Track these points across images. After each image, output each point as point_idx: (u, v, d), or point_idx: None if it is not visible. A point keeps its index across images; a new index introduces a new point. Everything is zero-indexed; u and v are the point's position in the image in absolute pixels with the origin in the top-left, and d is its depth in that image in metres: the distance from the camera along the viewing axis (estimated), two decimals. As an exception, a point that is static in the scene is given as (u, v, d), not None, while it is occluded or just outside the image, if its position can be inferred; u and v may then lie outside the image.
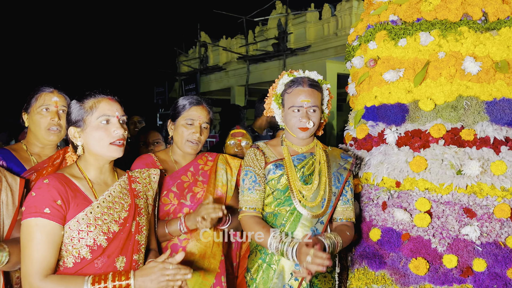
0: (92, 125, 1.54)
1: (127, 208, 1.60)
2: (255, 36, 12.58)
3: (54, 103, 1.98)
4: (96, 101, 1.56)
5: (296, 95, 1.88)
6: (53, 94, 2.00)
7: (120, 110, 1.59)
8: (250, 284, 1.89)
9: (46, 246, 1.41)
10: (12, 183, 1.68)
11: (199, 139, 2.00)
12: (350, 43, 2.50)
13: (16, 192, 1.68)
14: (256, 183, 1.90)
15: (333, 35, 9.99)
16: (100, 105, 1.56)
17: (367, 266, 2.01)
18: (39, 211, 1.42)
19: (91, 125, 1.54)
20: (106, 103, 1.57)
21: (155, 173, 1.79)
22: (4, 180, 1.65)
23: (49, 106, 1.98)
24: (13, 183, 1.68)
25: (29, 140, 2.05)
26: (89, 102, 1.56)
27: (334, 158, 1.99)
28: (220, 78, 14.12)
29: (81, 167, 1.59)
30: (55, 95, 2.00)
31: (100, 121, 1.54)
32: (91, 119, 1.54)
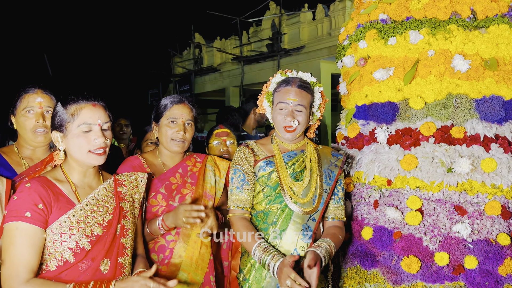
0: (73, 132, 1.52)
1: (111, 211, 1.59)
2: (249, 37, 12.58)
3: (38, 104, 1.93)
4: (78, 108, 1.53)
5: (283, 93, 1.90)
6: (37, 95, 1.94)
7: (103, 117, 1.56)
8: (243, 284, 1.89)
9: (27, 250, 1.40)
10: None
11: (183, 137, 1.99)
12: (341, 42, 2.50)
13: (2, 194, 1.65)
14: (244, 182, 1.90)
15: (327, 35, 10.01)
16: (82, 111, 1.53)
17: (360, 265, 2.01)
18: (19, 214, 1.41)
19: (72, 132, 1.53)
20: (88, 110, 1.54)
21: (143, 177, 1.78)
22: None
23: (33, 107, 1.92)
24: (0, 185, 1.66)
25: (20, 142, 2.01)
26: (71, 107, 1.54)
27: (325, 156, 2.00)
28: (214, 79, 14.09)
29: (65, 170, 1.58)
30: (39, 95, 1.94)
31: (81, 129, 1.52)
32: (72, 126, 1.52)
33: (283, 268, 1.61)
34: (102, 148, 1.54)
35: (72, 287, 1.40)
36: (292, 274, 1.57)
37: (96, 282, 1.42)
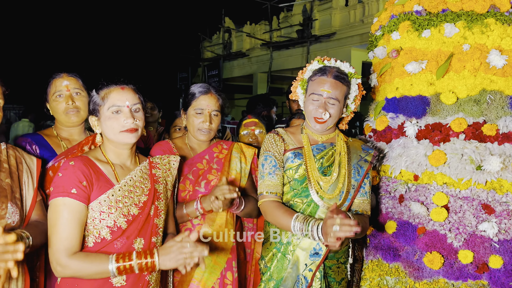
0: (105, 115, 1.60)
1: (146, 192, 1.66)
2: (280, 22, 12.46)
3: (65, 87, 2.04)
4: (108, 91, 1.61)
5: (318, 83, 1.85)
6: (63, 79, 2.05)
7: (131, 99, 1.62)
8: (264, 271, 1.92)
9: (72, 225, 1.48)
10: (30, 164, 1.75)
11: (209, 127, 2.02)
12: (373, 32, 2.47)
13: (34, 172, 1.74)
14: (276, 168, 1.88)
15: (359, 22, 9.80)
16: (111, 95, 1.61)
17: (381, 258, 2.02)
18: (66, 191, 1.49)
19: (104, 115, 1.61)
20: (117, 93, 1.61)
21: (175, 160, 1.84)
22: (23, 162, 1.73)
23: (61, 91, 2.04)
24: (31, 164, 1.76)
25: (57, 125, 2.13)
26: (102, 92, 1.62)
27: (354, 150, 1.96)
28: (242, 65, 14.09)
29: (104, 151, 1.66)
30: (65, 79, 2.05)
31: (111, 111, 1.60)
32: (104, 109, 1.61)
33: (327, 220, 1.56)
34: (132, 129, 1.61)
35: (115, 257, 1.47)
36: (337, 220, 1.52)
37: (139, 252, 1.50)
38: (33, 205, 1.69)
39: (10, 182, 1.62)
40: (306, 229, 1.68)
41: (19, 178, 1.68)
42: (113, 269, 1.46)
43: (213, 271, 1.93)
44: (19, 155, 1.73)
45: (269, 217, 1.85)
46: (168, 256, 1.48)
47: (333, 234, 1.52)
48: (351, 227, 1.49)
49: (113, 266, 1.46)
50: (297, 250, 1.83)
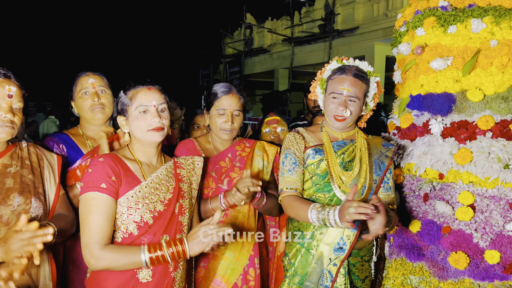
0: (133, 115, 1.65)
1: (171, 190, 1.71)
2: (301, 18, 12.36)
3: (91, 85, 2.09)
4: (135, 92, 1.66)
5: (338, 82, 1.87)
6: (89, 77, 2.11)
7: (158, 99, 1.67)
8: (288, 268, 1.94)
9: (103, 218, 1.54)
10: (51, 160, 1.82)
11: (232, 127, 2.05)
12: (397, 28, 2.43)
13: (55, 169, 1.81)
14: (296, 165, 1.91)
15: (383, 16, 9.62)
16: (139, 95, 1.65)
17: (405, 257, 2.01)
18: (96, 185, 1.54)
19: (132, 114, 1.65)
20: (144, 93, 1.66)
21: (199, 160, 1.88)
22: (44, 158, 1.80)
23: (87, 88, 2.09)
24: (52, 160, 1.82)
25: (82, 124, 2.18)
26: (130, 92, 1.67)
27: (375, 146, 1.97)
28: (264, 61, 14.07)
29: (131, 150, 1.71)
30: (90, 77, 2.11)
31: (139, 111, 1.64)
32: (131, 109, 1.65)
33: (344, 204, 1.59)
34: (159, 127, 1.65)
35: (147, 248, 1.52)
36: (353, 203, 1.55)
37: (169, 242, 1.55)
38: (56, 199, 1.76)
39: (33, 178, 1.70)
40: (322, 216, 1.70)
41: (41, 174, 1.75)
42: (146, 259, 1.51)
43: (235, 268, 1.96)
44: (40, 152, 1.80)
45: (288, 210, 1.89)
46: (195, 241, 1.53)
47: (349, 216, 1.56)
48: (366, 209, 1.52)
49: (146, 256, 1.51)
50: (321, 245, 1.86)
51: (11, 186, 1.61)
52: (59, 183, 1.80)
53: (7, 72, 1.65)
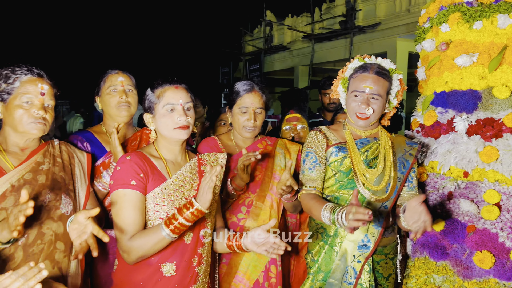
0: (160, 112, 1.69)
1: (195, 187, 1.74)
2: (322, 14, 12.25)
3: (120, 82, 2.14)
4: (163, 90, 1.70)
5: (360, 80, 1.87)
6: (118, 75, 2.16)
7: (184, 97, 1.70)
8: (311, 265, 1.95)
9: (135, 213, 1.59)
10: (81, 159, 1.88)
11: (254, 125, 2.07)
12: (421, 25, 2.40)
13: (85, 166, 1.88)
14: (316, 163, 1.92)
15: (405, 12, 9.45)
16: (166, 93, 1.69)
17: (428, 255, 1.99)
18: (126, 182, 1.59)
19: (159, 112, 1.69)
20: (171, 92, 1.69)
21: (222, 157, 1.90)
22: (75, 156, 1.86)
23: (116, 86, 2.13)
24: (82, 158, 1.89)
25: (106, 121, 2.22)
26: (157, 91, 1.71)
27: (398, 144, 1.97)
28: (283, 58, 14.03)
29: (157, 147, 1.75)
30: (120, 75, 2.16)
31: (166, 109, 1.68)
32: (159, 107, 1.69)
33: (348, 208, 1.60)
34: (185, 125, 1.69)
35: (163, 223, 1.54)
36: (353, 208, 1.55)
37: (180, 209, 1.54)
38: (87, 196, 1.82)
39: (64, 175, 1.76)
40: (333, 216, 1.70)
41: (71, 172, 1.81)
42: (168, 232, 1.52)
43: (257, 264, 1.99)
44: (71, 151, 1.87)
45: (305, 207, 1.90)
46: (201, 192, 1.51)
47: (348, 223, 1.57)
48: (364, 216, 1.51)
49: (166, 231, 1.52)
50: (345, 242, 1.87)
51: (43, 182, 1.68)
52: (89, 180, 1.86)
53: (40, 71, 1.71)
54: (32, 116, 1.64)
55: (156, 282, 1.62)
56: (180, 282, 1.64)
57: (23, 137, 1.70)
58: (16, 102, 1.64)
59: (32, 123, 1.65)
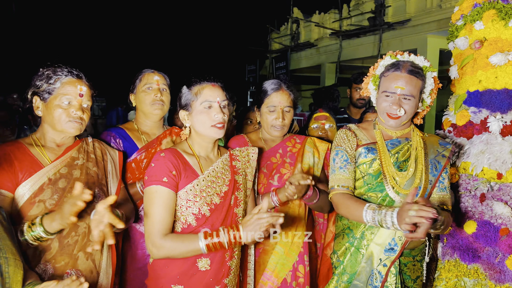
0: (197, 109, 1.72)
1: (227, 183, 1.77)
2: (350, 10, 12.09)
3: (155, 81, 2.20)
4: (201, 88, 1.73)
5: (391, 79, 1.80)
6: (154, 74, 2.23)
7: (221, 95, 1.74)
8: (337, 265, 1.93)
9: (164, 210, 1.63)
10: (114, 156, 1.95)
11: (282, 123, 2.06)
12: (454, 22, 2.35)
13: (117, 164, 1.95)
14: (347, 162, 1.88)
15: (437, 8, 9.20)
16: (204, 91, 1.72)
17: (459, 258, 1.95)
18: (158, 179, 1.64)
19: (196, 109, 1.72)
20: (209, 90, 1.72)
21: (254, 152, 1.92)
22: (108, 153, 1.93)
23: (152, 84, 2.19)
24: (114, 156, 1.96)
25: (138, 119, 2.28)
26: (195, 88, 1.74)
27: (431, 145, 1.90)
28: (310, 55, 13.93)
29: (190, 144, 1.79)
30: (156, 74, 2.23)
31: (203, 106, 1.71)
32: (196, 104, 1.72)
33: (404, 206, 1.54)
34: (221, 123, 1.72)
35: (203, 235, 1.59)
36: (414, 206, 1.49)
37: (226, 227, 1.60)
38: (118, 190, 1.88)
39: (97, 171, 1.83)
40: (379, 217, 1.65)
41: (104, 168, 1.88)
42: (202, 246, 1.57)
43: (285, 263, 1.99)
44: (104, 148, 1.94)
45: (340, 208, 1.85)
46: (248, 228, 1.54)
47: (409, 219, 1.50)
48: (428, 213, 1.46)
49: (203, 243, 1.57)
50: (371, 245, 1.84)
51: (78, 176, 1.75)
52: (120, 176, 1.93)
53: (79, 73, 1.79)
54: (70, 115, 1.72)
55: (192, 276, 1.66)
56: (214, 276, 1.68)
57: (60, 135, 1.78)
58: (56, 102, 1.72)
59: (70, 122, 1.72)
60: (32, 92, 1.75)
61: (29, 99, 1.76)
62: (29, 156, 1.70)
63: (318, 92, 4.41)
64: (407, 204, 1.54)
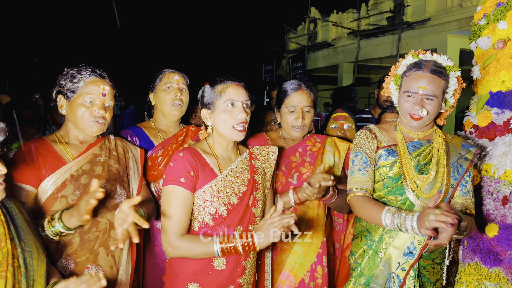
0: (220, 108, 1.72)
1: (246, 183, 1.77)
2: (368, 10, 11.98)
3: (176, 81, 2.22)
4: (225, 87, 1.73)
5: (413, 79, 1.76)
6: (175, 74, 2.25)
7: (244, 95, 1.74)
8: (354, 267, 1.92)
9: (181, 210, 1.64)
10: (135, 153, 1.98)
11: (303, 123, 2.05)
12: (476, 22, 2.30)
13: (139, 161, 1.97)
14: (367, 164, 1.85)
15: (457, 7, 9.04)
16: (228, 90, 1.72)
17: (480, 262, 1.92)
18: (176, 179, 1.65)
19: (219, 108, 1.72)
20: (233, 89, 1.72)
21: (274, 151, 1.91)
22: (129, 151, 1.96)
23: (172, 84, 2.22)
24: (136, 153, 1.99)
25: (156, 118, 2.32)
26: (218, 87, 1.74)
27: (454, 147, 1.86)
28: (328, 55, 13.86)
29: (210, 144, 1.79)
30: (176, 74, 2.25)
31: (227, 105, 1.71)
32: (219, 102, 1.72)
33: (425, 210, 1.51)
34: (243, 123, 1.72)
35: (218, 239, 1.59)
36: (435, 210, 1.47)
37: (241, 233, 1.61)
38: (139, 188, 1.91)
39: (119, 167, 1.86)
40: (398, 220, 1.63)
41: (126, 165, 1.91)
42: (217, 249, 1.59)
43: (303, 263, 1.99)
44: (126, 145, 1.96)
45: (359, 211, 1.83)
46: (261, 233, 1.55)
47: (428, 224, 1.48)
48: (448, 218, 1.44)
49: (217, 247, 1.59)
50: (390, 248, 1.81)
51: (100, 173, 1.78)
52: (142, 173, 1.96)
53: (102, 73, 1.82)
54: (92, 115, 1.75)
55: (207, 274, 1.67)
56: (230, 275, 1.69)
57: (82, 133, 1.81)
58: (79, 101, 1.75)
59: (92, 121, 1.76)
60: (57, 91, 1.79)
61: (54, 98, 1.80)
62: (53, 152, 1.74)
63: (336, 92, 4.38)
64: (428, 208, 1.52)
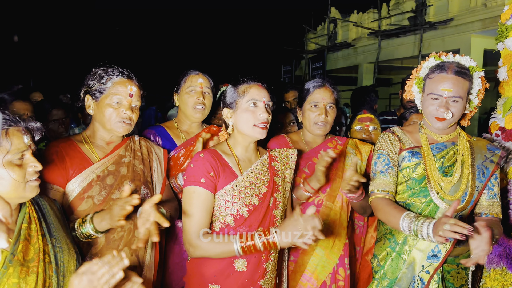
0: (243, 107, 1.73)
1: (266, 184, 1.78)
2: (389, 10, 11.81)
3: (199, 84, 2.23)
4: (248, 87, 1.75)
5: (437, 82, 1.74)
6: (199, 77, 2.25)
7: (267, 96, 1.75)
8: (377, 270, 1.90)
9: (201, 211, 1.66)
10: (159, 154, 2.00)
11: (325, 120, 2.04)
12: (503, 22, 2.26)
13: (162, 161, 1.99)
14: (389, 166, 1.84)
15: (481, 7, 8.82)
16: (251, 90, 1.74)
17: (506, 267, 1.87)
18: (197, 180, 1.67)
19: (241, 107, 1.74)
20: (256, 89, 1.74)
21: (293, 153, 1.92)
22: (153, 151, 1.98)
23: (195, 87, 2.23)
24: (160, 153, 2.01)
25: (179, 118, 2.34)
26: (241, 87, 1.76)
27: (479, 150, 1.83)
28: (347, 55, 13.73)
29: (230, 145, 1.81)
30: (200, 77, 2.25)
31: (249, 104, 1.72)
32: (242, 102, 1.74)
33: (442, 218, 1.51)
34: (265, 123, 1.73)
35: (238, 238, 1.60)
36: (451, 220, 1.46)
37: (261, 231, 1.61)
38: (163, 188, 1.93)
39: (143, 168, 1.88)
40: (415, 226, 1.61)
41: (150, 165, 1.93)
42: (237, 248, 1.59)
43: (325, 265, 1.98)
44: (150, 146, 1.99)
45: (379, 213, 1.82)
46: (284, 232, 1.54)
47: (442, 233, 1.47)
48: (463, 229, 1.43)
49: (238, 246, 1.59)
50: (414, 251, 1.80)
51: (124, 174, 1.81)
52: (165, 173, 1.98)
53: (130, 74, 1.84)
54: (120, 115, 1.77)
55: (228, 275, 1.69)
56: (250, 278, 1.70)
57: (109, 133, 1.84)
58: (107, 101, 1.78)
59: (119, 122, 1.78)
60: (85, 91, 1.82)
61: (82, 98, 1.83)
62: (79, 153, 1.77)
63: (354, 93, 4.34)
64: (445, 217, 1.51)
